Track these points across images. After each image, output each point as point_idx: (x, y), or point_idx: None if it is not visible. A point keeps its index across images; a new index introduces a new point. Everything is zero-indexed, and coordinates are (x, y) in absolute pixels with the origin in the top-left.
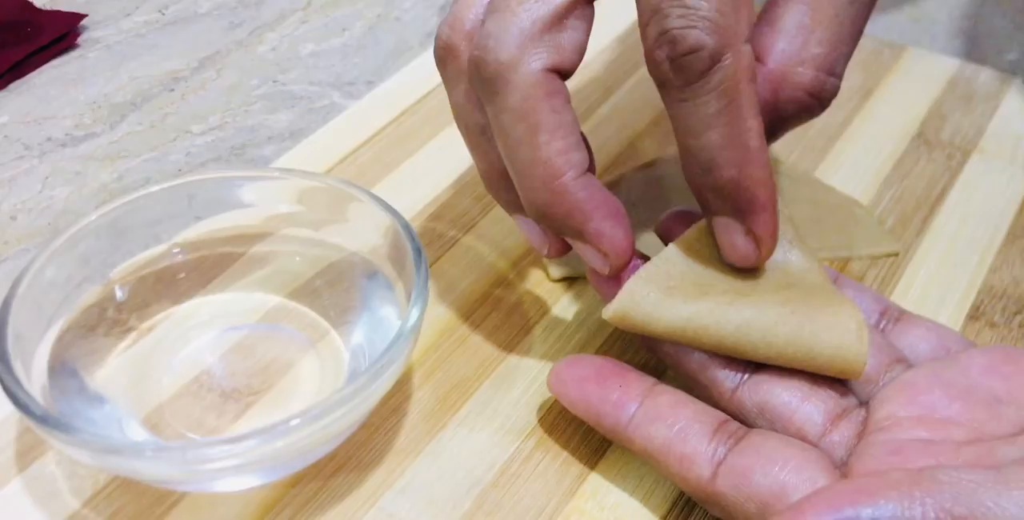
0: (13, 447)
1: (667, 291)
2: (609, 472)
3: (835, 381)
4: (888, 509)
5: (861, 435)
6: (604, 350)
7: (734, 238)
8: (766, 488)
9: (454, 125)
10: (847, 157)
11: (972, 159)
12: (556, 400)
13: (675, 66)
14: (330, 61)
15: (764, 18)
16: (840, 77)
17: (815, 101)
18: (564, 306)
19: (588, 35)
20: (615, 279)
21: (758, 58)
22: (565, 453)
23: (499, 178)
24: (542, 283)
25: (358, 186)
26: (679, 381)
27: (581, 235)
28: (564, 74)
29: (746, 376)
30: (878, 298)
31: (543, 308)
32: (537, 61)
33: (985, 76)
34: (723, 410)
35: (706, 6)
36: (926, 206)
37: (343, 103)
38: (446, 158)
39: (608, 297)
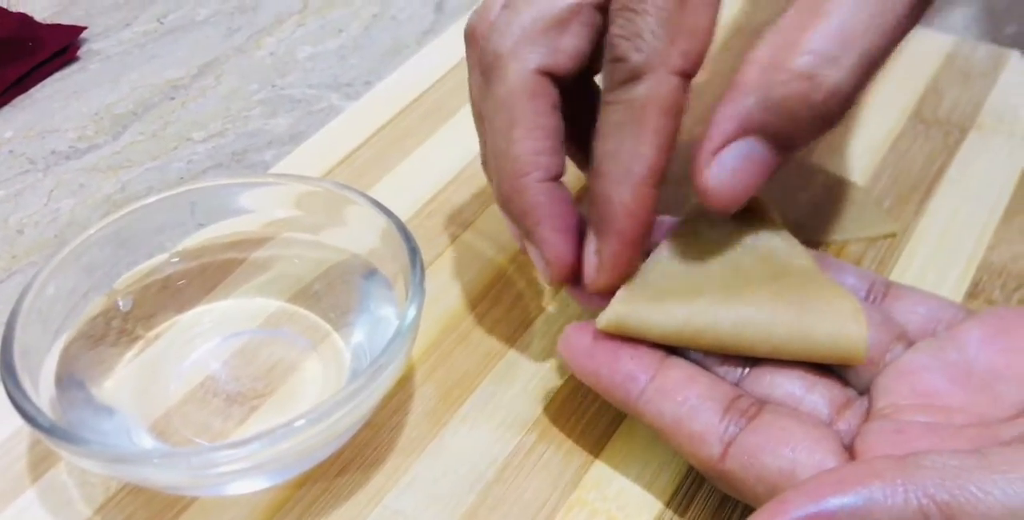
0: (26, 457)
1: (659, 294)
2: (611, 462)
3: (835, 372)
4: (871, 498)
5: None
6: None
7: (587, 248)
8: (775, 469)
9: (451, 122)
10: (843, 138)
11: (970, 136)
12: (557, 393)
13: (606, 68)
14: (327, 63)
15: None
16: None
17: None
18: (564, 299)
19: (592, 42)
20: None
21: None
22: (567, 445)
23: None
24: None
25: (354, 189)
26: None
27: (530, 237)
28: (558, 77)
29: (747, 371)
30: (862, 274)
31: (543, 302)
32: (529, 60)
33: (982, 52)
34: None
35: (646, 25)
36: (924, 185)
37: (341, 105)
38: (444, 156)
39: (583, 303)
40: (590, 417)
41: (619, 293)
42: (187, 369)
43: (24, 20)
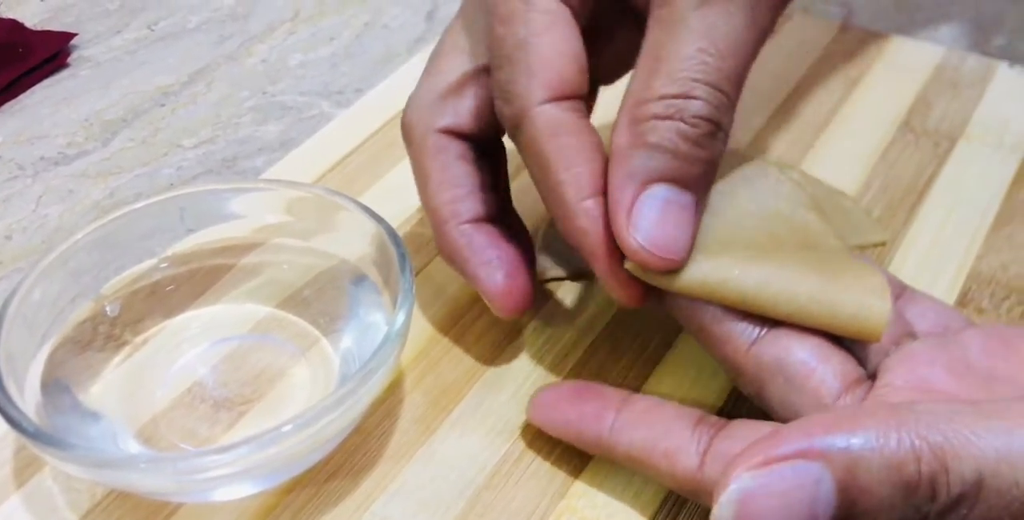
0: (11, 463)
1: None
2: (601, 470)
3: (850, 348)
4: (864, 437)
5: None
6: (593, 349)
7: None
8: None
9: None
10: (834, 148)
11: (959, 146)
12: None
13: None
14: (319, 71)
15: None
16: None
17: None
18: (552, 307)
19: (487, 101)
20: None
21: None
22: (556, 452)
23: None
24: None
25: (344, 195)
26: (690, 344)
27: (465, 277)
28: (465, 135)
29: (764, 331)
30: (880, 270)
31: (531, 310)
32: (430, 123)
33: (971, 62)
34: (736, 367)
35: (504, 78)
36: (913, 194)
37: (332, 112)
38: None
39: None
40: None
41: None
42: (174, 374)
43: (14, 26)
